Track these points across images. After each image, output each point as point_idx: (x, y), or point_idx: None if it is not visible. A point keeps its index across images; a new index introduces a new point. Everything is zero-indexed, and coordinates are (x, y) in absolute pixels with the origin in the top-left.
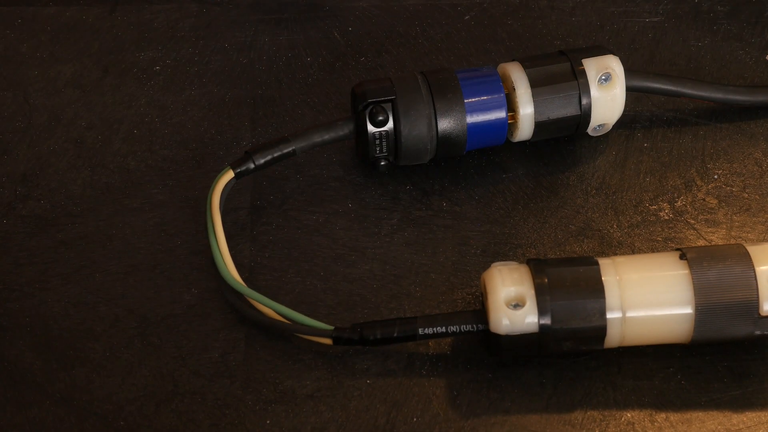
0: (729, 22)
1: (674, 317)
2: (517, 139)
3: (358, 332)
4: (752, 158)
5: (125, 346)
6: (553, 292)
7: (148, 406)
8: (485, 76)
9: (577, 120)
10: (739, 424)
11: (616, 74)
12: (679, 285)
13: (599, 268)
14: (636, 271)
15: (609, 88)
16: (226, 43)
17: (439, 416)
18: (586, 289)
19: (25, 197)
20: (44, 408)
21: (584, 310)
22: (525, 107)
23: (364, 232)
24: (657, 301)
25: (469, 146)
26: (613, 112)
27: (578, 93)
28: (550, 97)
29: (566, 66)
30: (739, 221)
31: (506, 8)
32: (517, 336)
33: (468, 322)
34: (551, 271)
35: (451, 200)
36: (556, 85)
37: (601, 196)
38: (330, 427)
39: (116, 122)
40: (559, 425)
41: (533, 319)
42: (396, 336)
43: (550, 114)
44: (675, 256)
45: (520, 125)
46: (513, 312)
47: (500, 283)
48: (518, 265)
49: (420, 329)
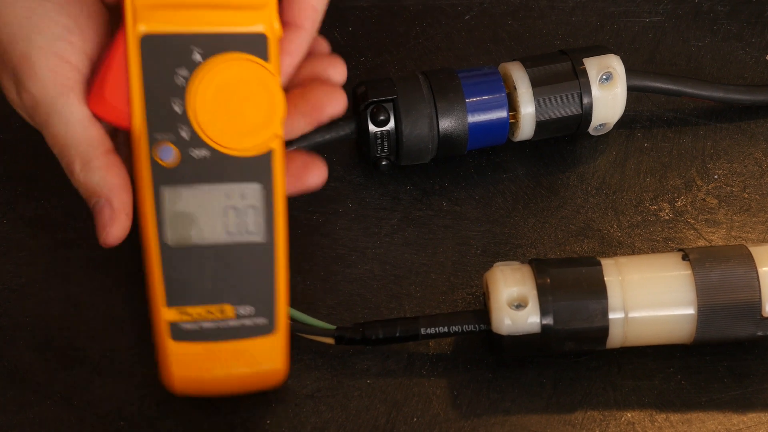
0: (729, 22)
1: (676, 318)
2: (518, 138)
3: (360, 332)
4: (752, 158)
5: (125, 346)
6: (555, 293)
7: (149, 406)
8: (486, 76)
9: (578, 119)
10: (739, 424)
11: (617, 73)
12: (682, 286)
13: (601, 269)
14: (638, 272)
15: (610, 88)
16: None
17: (440, 416)
18: (588, 289)
19: (26, 197)
20: (44, 408)
21: (586, 310)
22: (526, 106)
23: (364, 232)
24: (659, 302)
25: (471, 146)
26: (614, 111)
27: (579, 92)
28: (551, 97)
29: (567, 65)
30: (740, 221)
31: (506, 8)
32: (519, 336)
33: (470, 322)
34: (553, 272)
35: (451, 200)
36: (557, 84)
37: (602, 196)
38: (330, 427)
39: None
40: (559, 425)
41: (535, 320)
42: (398, 336)
43: (551, 113)
44: (677, 257)
45: (521, 124)
46: (515, 312)
47: (502, 283)
48: (520, 265)
49: (422, 329)
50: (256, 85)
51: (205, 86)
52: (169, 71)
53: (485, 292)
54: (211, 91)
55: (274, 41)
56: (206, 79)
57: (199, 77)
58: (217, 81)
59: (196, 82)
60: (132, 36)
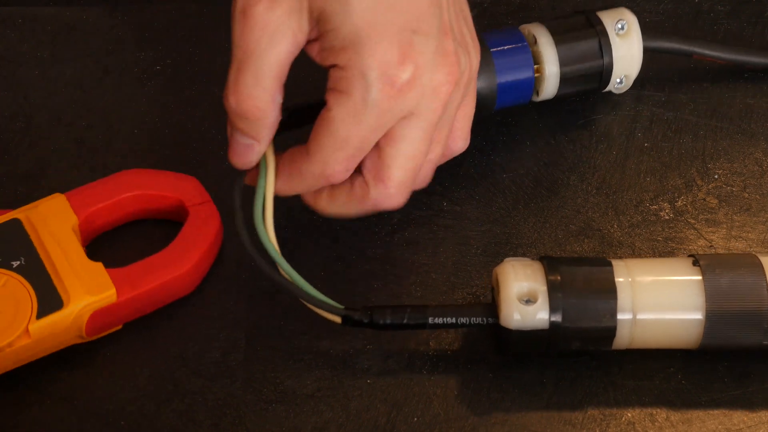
0: (729, 22)
1: (684, 322)
2: (542, 96)
3: (368, 314)
4: (752, 158)
5: (126, 346)
6: (565, 290)
7: (149, 406)
8: (508, 33)
9: (599, 70)
10: (740, 424)
11: (631, 22)
12: (691, 290)
13: (612, 269)
14: (648, 274)
15: (626, 36)
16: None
17: (440, 416)
18: (598, 289)
19: (26, 197)
20: (44, 408)
21: (595, 309)
22: (549, 59)
23: (364, 232)
24: (668, 305)
25: (499, 103)
26: (633, 63)
27: (598, 41)
28: (572, 47)
29: (583, 18)
30: (740, 221)
31: (506, 8)
32: (527, 332)
33: (478, 315)
34: (564, 269)
35: (451, 200)
36: (577, 33)
37: (602, 195)
38: (330, 427)
39: (116, 122)
40: (559, 425)
41: (544, 316)
42: (406, 322)
43: (573, 65)
44: (688, 262)
45: (546, 78)
46: (524, 307)
47: (513, 277)
48: (531, 261)
49: (430, 318)
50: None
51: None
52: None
53: (494, 287)
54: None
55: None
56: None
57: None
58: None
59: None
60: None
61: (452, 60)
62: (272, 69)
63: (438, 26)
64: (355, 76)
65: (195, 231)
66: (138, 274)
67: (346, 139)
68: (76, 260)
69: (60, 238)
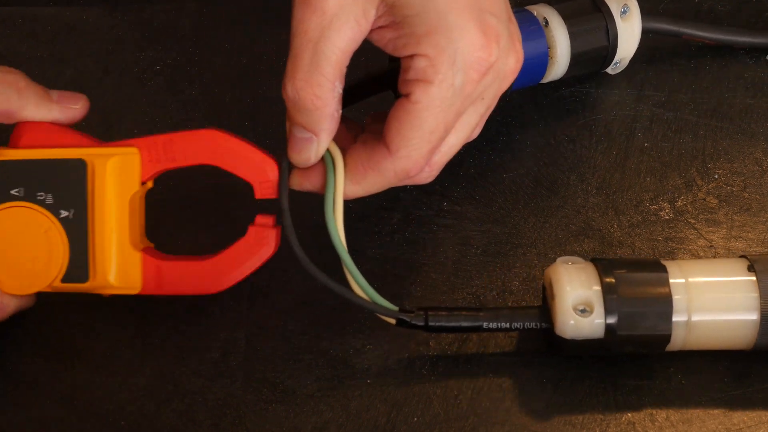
0: (729, 21)
1: (739, 323)
2: (550, 76)
3: (423, 318)
4: (752, 158)
5: (126, 346)
6: (621, 299)
7: (149, 406)
8: (522, 14)
9: (605, 51)
10: (740, 424)
11: (634, 6)
12: (746, 291)
13: (667, 276)
14: (702, 275)
15: (629, 20)
16: (226, 43)
17: (440, 416)
18: (654, 296)
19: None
20: (44, 408)
21: (651, 317)
22: (560, 39)
23: (364, 232)
24: (723, 306)
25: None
26: (631, 45)
27: (605, 23)
28: (581, 29)
29: (590, 2)
30: (740, 221)
31: None
32: (582, 340)
33: (532, 320)
34: (619, 275)
35: (451, 200)
36: (585, 16)
37: (602, 195)
38: (330, 427)
39: (116, 122)
40: (560, 425)
41: (600, 325)
42: (461, 326)
43: (582, 46)
44: (741, 263)
45: (558, 58)
46: (580, 318)
47: (568, 285)
48: (584, 263)
49: (484, 323)
50: (35, 233)
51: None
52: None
53: (546, 288)
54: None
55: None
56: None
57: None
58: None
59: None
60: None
61: (518, 47)
62: (333, 56)
63: (505, 9)
64: (443, 63)
65: (244, 253)
66: (170, 277)
67: (435, 130)
68: (119, 240)
69: (115, 205)
